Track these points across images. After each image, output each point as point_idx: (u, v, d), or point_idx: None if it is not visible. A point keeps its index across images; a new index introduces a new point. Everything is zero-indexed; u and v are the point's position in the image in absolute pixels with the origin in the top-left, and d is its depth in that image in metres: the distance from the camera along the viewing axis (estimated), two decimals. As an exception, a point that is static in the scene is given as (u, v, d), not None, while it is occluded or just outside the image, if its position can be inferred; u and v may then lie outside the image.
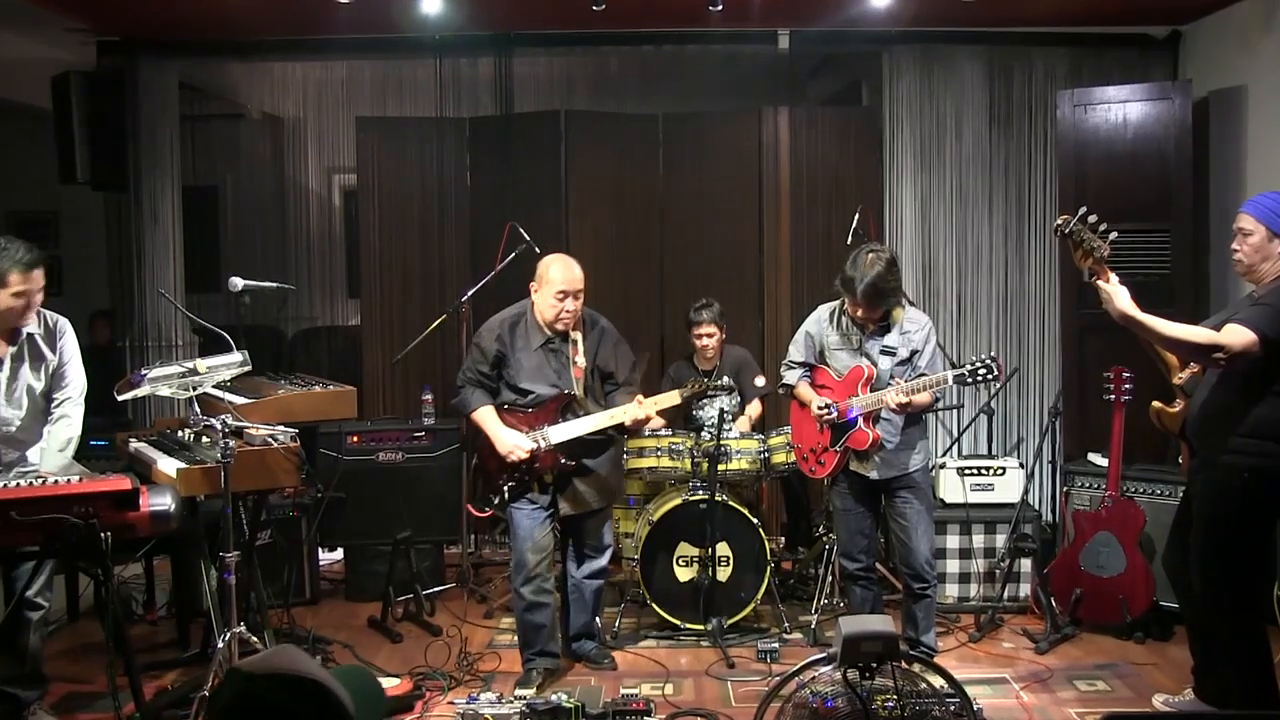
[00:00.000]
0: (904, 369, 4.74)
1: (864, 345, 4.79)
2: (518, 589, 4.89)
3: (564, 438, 4.79)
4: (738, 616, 5.48)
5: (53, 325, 4.59)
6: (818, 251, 6.96)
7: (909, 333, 4.78)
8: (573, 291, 4.78)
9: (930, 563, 4.87)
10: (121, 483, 3.96)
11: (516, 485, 4.85)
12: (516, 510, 4.88)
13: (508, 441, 4.77)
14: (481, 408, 4.88)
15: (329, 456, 6.06)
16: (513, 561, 4.95)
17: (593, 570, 5.09)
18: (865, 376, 4.72)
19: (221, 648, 4.31)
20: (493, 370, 4.89)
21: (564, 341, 4.88)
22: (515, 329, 4.88)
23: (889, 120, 7.08)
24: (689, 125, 7.24)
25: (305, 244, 8.74)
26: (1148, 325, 3.84)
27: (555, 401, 4.83)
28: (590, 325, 4.96)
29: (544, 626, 4.90)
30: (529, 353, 4.86)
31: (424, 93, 7.93)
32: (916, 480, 4.83)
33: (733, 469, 5.66)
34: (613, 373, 4.98)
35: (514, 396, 4.88)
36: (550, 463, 4.80)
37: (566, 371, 4.87)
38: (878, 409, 4.70)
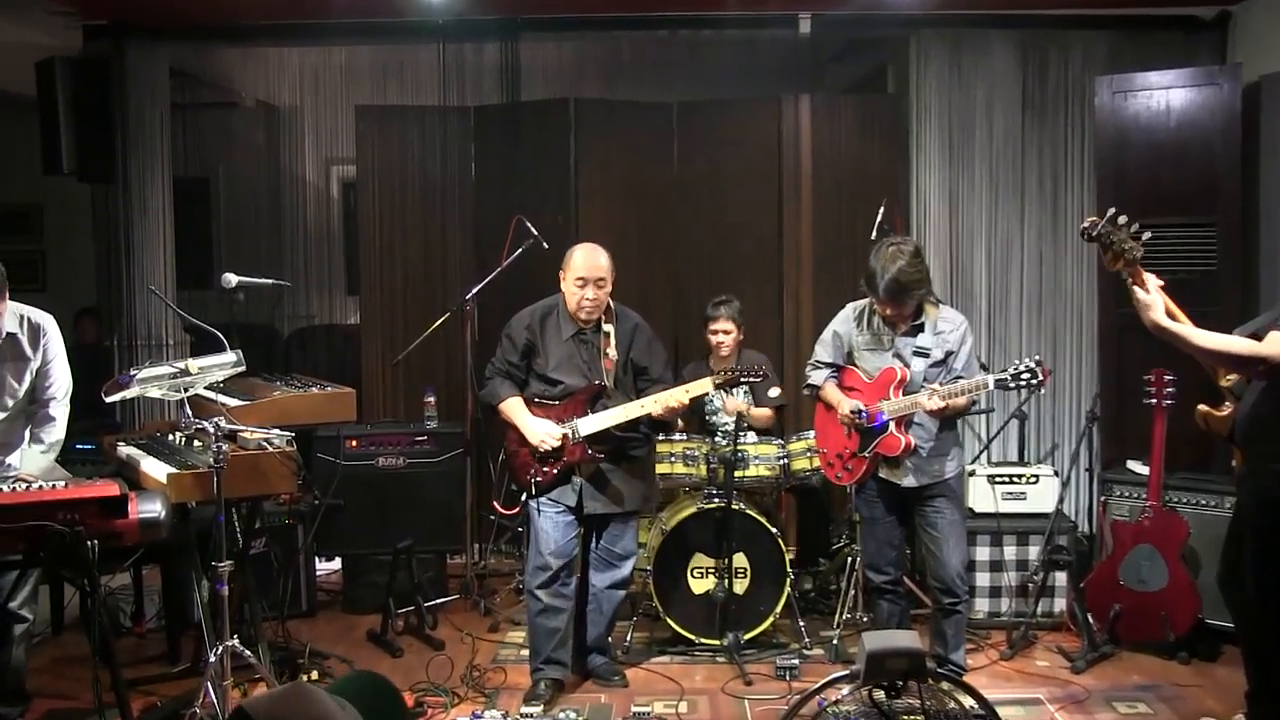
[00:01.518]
0: (938, 371, 4.72)
1: (895, 346, 4.77)
2: (533, 591, 4.92)
3: (594, 429, 4.85)
4: (755, 631, 5.46)
5: (35, 324, 4.59)
6: (841, 247, 6.94)
7: (944, 333, 4.75)
8: (592, 279, 4.84)
9: (962, 576, 4.85)
10: (109, 488, 3.96)
11: (544, 479, 4.89)
12: (541, 512, 4.92)
13: (537, 430, 4.84)
14: (510, 398, 4.96)
15: (326, 461, 6.05)
16: (530, 564, 4.98)
17: (615, 580, 5.09)
18: (898, 379, 4.70)
19: (214, 662, 4.29)
20: (522, 361, 4.99)
21: (595, 333, 4.96)
22: (546, 320, 4.98)
23: (916, 108, 7.04)
24: (705, 114, 7.22)
25: (302, 238, 8.75)
26: (1183, 337, 3.81)
27: (585, 392, 4.90)
28: (623, 318, 5.05)
29: (558, 631, 4.93)
30: (559, 343, 4.95)
31: (426, 80, 7.93)
32: (950, 488, 4.81)
33: (750, 476, 5.64)
34: (646, 368, 5.05)
35: (543, 387, 4.96)
36: (580, 455, 4.86)
37: (597, 363, 4.93)
38: (911, 413, 4.68)
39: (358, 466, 6.12)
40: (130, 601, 5.95)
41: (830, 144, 7.08)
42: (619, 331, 5.00)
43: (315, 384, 5.46)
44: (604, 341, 4.96)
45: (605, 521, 5.04)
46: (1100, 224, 3.86)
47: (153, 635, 5.84)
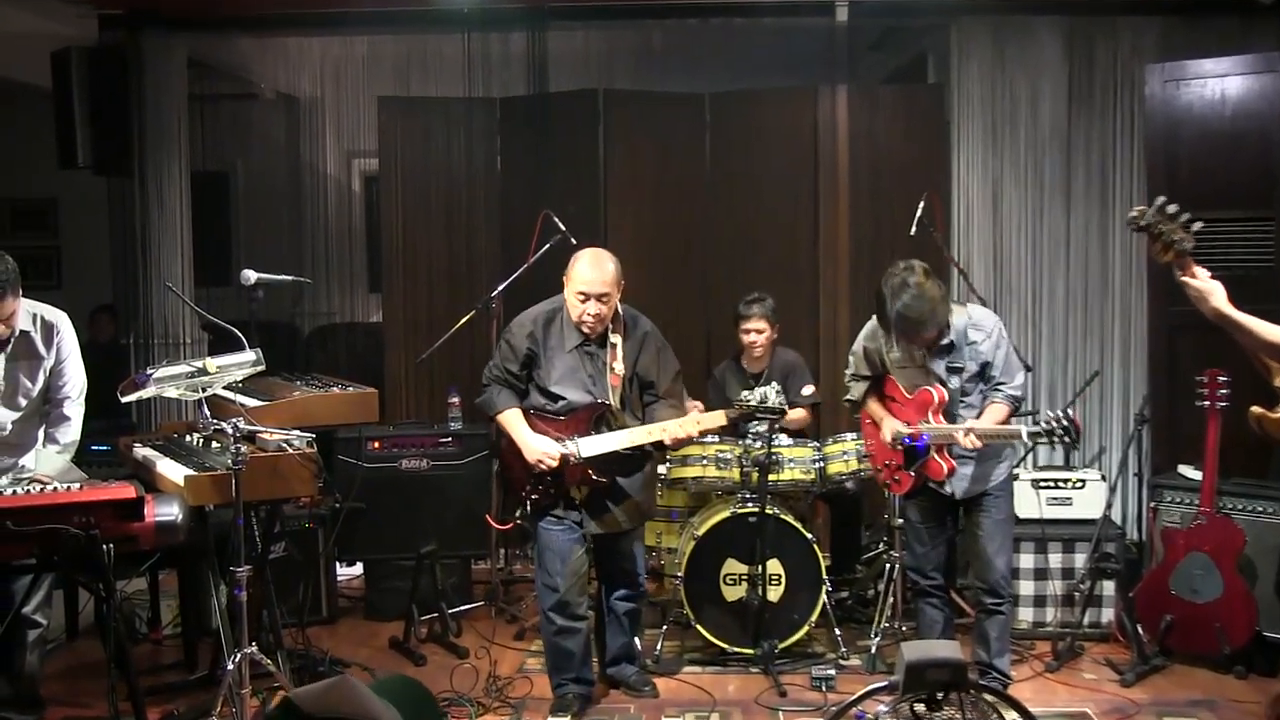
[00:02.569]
0: (976, 384, 4.69)
1: (928, 364, 4.73)
2: (546, 612, 4.86)
3: (597, 451, 4.73)
4: (790, 640, 5.44)
5: (49, 322, 4.62)
6: (879, 244, 6.90)
7: (975, 343, 4.70)
8: (595, 294, 4.66)
9: (1006, 578, 4.82)
10: (125, 491, 3.98)
11: (541, 498, 4.80)
12: (546, 529, 4.83)
13: (535, 448, 4.72)
14: (508, 410, 4.84)
15: (348, 464, 6.07)
16: (539, 584, 4.91)
17: (627, 593, 5.08)
18: (936, 402, 4.65)
19: (231, 670, 4.30)
20: (522, 370, 4.85)
21: (601, 345, 4.81)
22: (550, 326, 4.82)
23: (957, 99, 7.00)
24: (738, 105, 7.20)
25: (323, 234, 8.77)
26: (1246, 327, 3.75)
27: (589, 411, 4.78)
28: (632, 328, 4.88)
29: (574, 654, 4.88)
30: (562, 354, 4.80)
31: (451, 70, 7.94)
32: (999, 492, 4.80)
33: (785, 479, 5.62)
34: (653, 382, 4.90)
35: (543, 401, 4.83)
36: (579, 476, 4.75)
37: (602, 378, 4.79)
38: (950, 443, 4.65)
39: (380, 469, 6.13)
40: (146, 607, 5.98)
41: (868, 136, 7.05)
42: (627, 343, 4.84)
43: (336, 384, 5.47)
44: (611, 355, 4.80)
45: (609, 541, 4.96)
46: (1149, 213, 3.81)
47: (169, 642, 5.87)
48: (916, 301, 4.47)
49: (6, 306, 4.34)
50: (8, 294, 4.31)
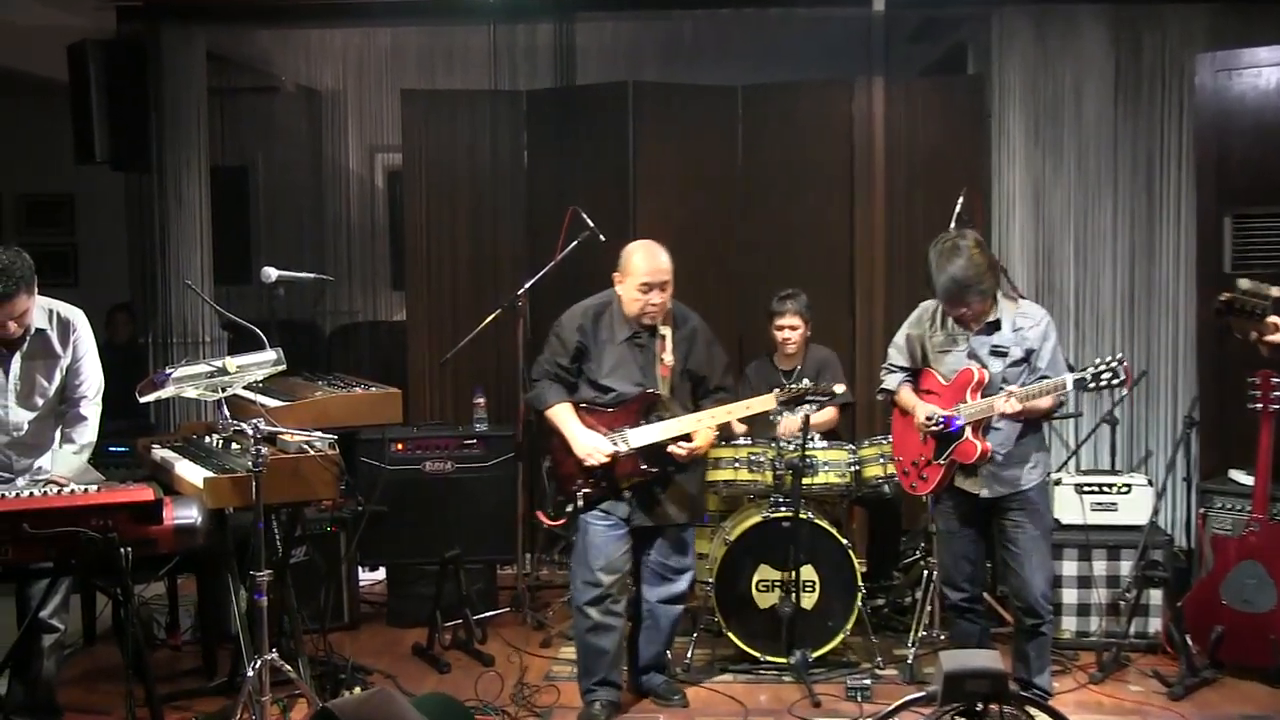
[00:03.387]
0: (1019, 371, 4.65)
1: (971, 345, 4.70)
2: (582, 607, 4.89)
3: (645, 441, 4.79)
4: (825, 649, 5.41)
5: (65, 319, 4.64)
6: (916, 240, 6.85)
7: (1022, 329, 4.68)
8: (658, 283, 4.78)
9: (1046, 596, 4.77)
10: (143, 493, 3.99)
11: (593, 492, 4.84)
12: (591, 524, 4.87)
13: (585, 443, 4.78)
14: (558, 404, 4.90)
15: (371, 466, 6.09)
16: (578, 579, 4.93)
17: (671, 594, 5.06)
18: (975, 381, 4.63)
19: (251, 676, 4.32)
20: (572, 364, 4.92)
21: (651, 337, 4.90)
22: (599, 320, 4.91)
23: (998, 91, 6.97)
24: (771, 98, 7.19)
25: (345, 230, 8.80)
26: None
27: (638, 401, 4.85)
28: (681, 322, 4.98)
29: (608, 653, 4.89)
30: (612, 346, 4.88)
31: (476, 63, 7.96)
32: (1031, 499, 4.73)
33: (819, 483, 5.60)
34: (705, 377, 4.99)
35: (593, 394, 4.90)
36: (630, 468, 4.80)
37: (651, 369, 4.87)
38: (988, 417, 4.61)
39: (403, 471, 6.14)
40: (164, 612, 6.00)
41: (905, 130, 7.03)
42: (676, 335, 4.93)
43: (359, 384, 5.49)
44: (660, 346, 4.89)
45: (657, 534, 4.99)
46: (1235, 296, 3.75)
47: (188, 648, 5.89)
48: (969, 265, 4.49)
49: (20, 304, 4.35)
50: (22, 291, 4.32)
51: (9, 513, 3.83)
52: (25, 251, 4.36)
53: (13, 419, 4.54)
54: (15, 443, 4.58)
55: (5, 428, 4.55)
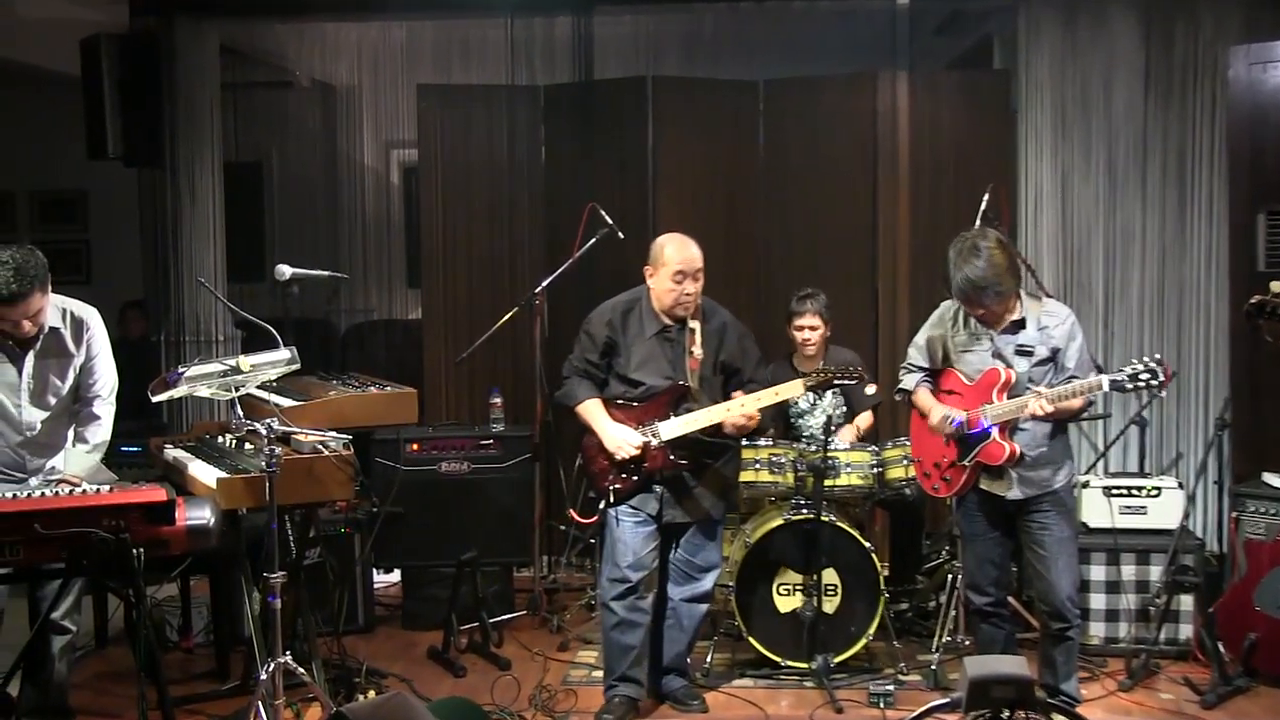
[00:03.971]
0: (1044, 370, 4.63)
1: (996, 345, 4.69)
2: (608, 603, 4.94)
3: (676, 433, 4.83)
4: (847, 654, 5.41)
5: (78, 318, 4.66)
6: (941, 237, 6.73)
7: (1047, 328, 4.67)
8: (691, 272, 4.83)
9: (1073, 599, 4.75)
10: (155, 493, 4.00)
11: (624, 486, 4.88)
12: (620, 520, 4.92)
13: (615, 437, 4.83)
14: (588, 400, 4.95)
15: (386, 466, 6.10)
16: (605, 575, 4.99)
17: (696, 593, 5.08)
18: (1001, 381, 4.61)
19: (264, 680, 4.34)
20: (602, 359, 4.97)
21: (680, 330, 4.94)
22: (629, 315, 4.96)
23: (1025, 85, 6.94)
24: (793, 92, 7.19)
25: (360, 227, 8.83)
26: None
27: (668, 394, 4.89)
28: (710, 315, 5.02)
29: (633, 649, 4.94)
30: (641, 341, 4.94)
31: (493, 57, 7.98)
32: (1058, 501, 4.71)
33: (841, 485, 5.60)
34: (739, 369, 5.04)
35: (623, 389, 4.95)
36: (661, 461, 4.84)
37: (681, 362, 4.91)
38: (1015, 418, 4.60)
39: (419, 472, 6.15)
40: (177, 614, 6.02)
41: (931, 125, 7.01)
42: (706, 328, 4.97)
43: (374, 383, 5.50)
44: (689, 339, 4.93)
45: (686, 530, 5.02)
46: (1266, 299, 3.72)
47: (200, 650, 5.91)
48: (985, 266, 4.48)
49: (34, 303, 4.38)
50: (36, 290, 4.35)
51: (20, 513, 3.85)
52: (38, 249, 4.39)
53: (26, 418, 4.57)
54: (28, 442, 4.60)
55: (18, 427, 4.58)
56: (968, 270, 4.50)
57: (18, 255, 4.28)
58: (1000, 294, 4.55)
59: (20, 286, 4.28)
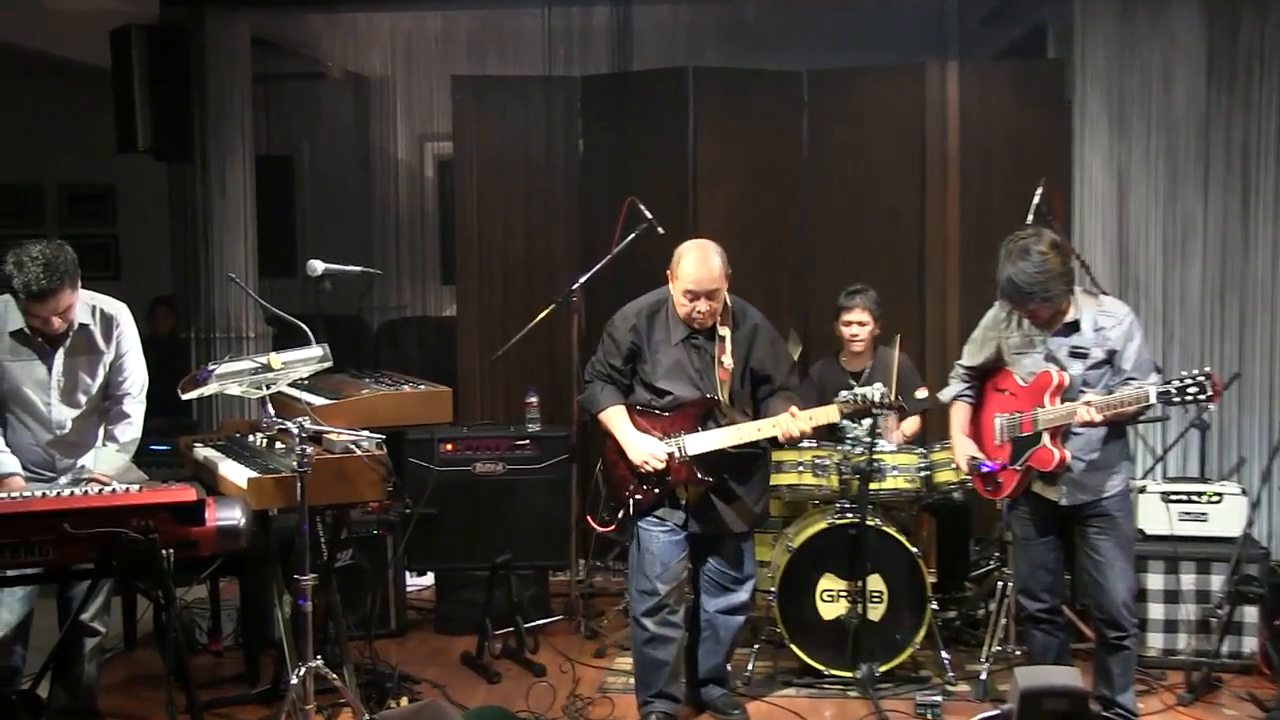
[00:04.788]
0: (1100, 373, 4.59)
1: (1049, 347, 4.66)
2: (639, 618, 4.88)
3: (703, 449, 4.76)
4: (893, 663, 5.39)
5: (108, 314, 4.70)
6: (992, 234, 6.71)
7: (1104, 329, 4.63)
8: (703, 292, 4.70)
9: (1129, 607, 4.71)
10: (185, 493, 4.03)
11: (644, 499, 4.83)
12: (646, 530, 4.86)
13: (641, 449, 4.77)
14: (611, 407, 4.89)
15: (419, 467, 6.11)
16: (634, 588, 4.94)
17: (731, 604, 5.03)
18: (1055, 384, 4.58)
19: (295, 684, 4.36)
20: (625, 365, 4.91)
21: (709, 338, 4.85)
22: (654, 319, 4.88)
23: (1080, 75, 6.88)
24: (838, 83, 7.17)
25: (393, 222, 8.87)
26: None
27: (696, 406, 4.81)
28: (741, 320, 4.93)
29: (666, 664, 4.88)
30: (667, 348, 4.85)
31: (530, 47, 8.01)
32: (1114, 506, 4.68)
33: (887, 488, 5.57)
34: (770, 375, 4.94)
35: (649, 396, 4.88)
36: (685, 475, 4.78)
37: (710, 372, 4.83)
38: (1066, 424, 4.57)
39: (453, 473, 6.16)
40: (206, 616, 6.05)
41: (981, 116, 6.98)
42: (736, 335, 4.88)
43: (407, 382, 5.51)
44: (719, 348, 4.83)
45: (717, 541, 4.97)
46: None
47: (230, 653, 5.94)
48: (1034, 269, 4.45)
49: (64, 299, 4.42)
50: (66, 286, 4.39)
51: (50, 512, 3.89)
52: (67, 245, 4.43)
53: (55, 416, 4.62)
54: (58, 441, 4.65)
55: (48, 425, 4.62)
56: (1013, 272, 4.48)
57: (47, 251, 4.33)
58: (1047, 300, 4.53)
59: (50, 282, 4.32)
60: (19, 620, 4.53)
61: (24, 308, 4.43)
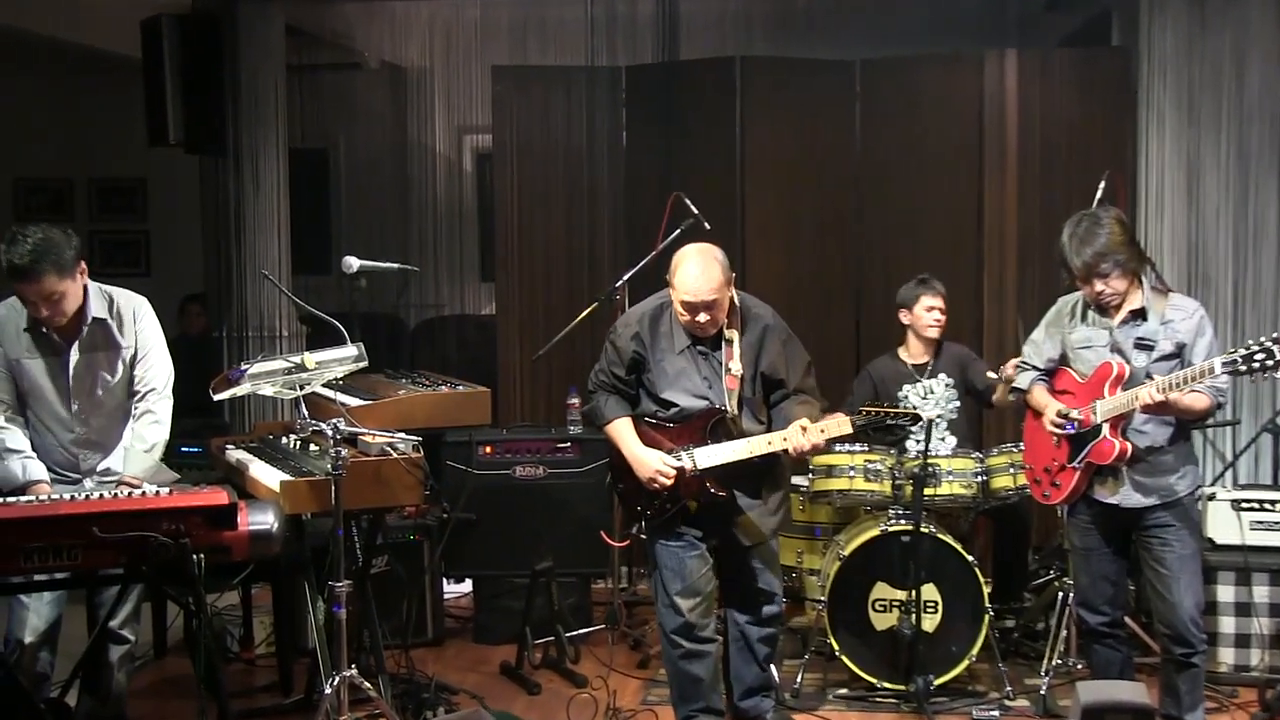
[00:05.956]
0: (1168, 367, 4.53)
1: (1114, 338, 4.62)
2: (668, 635, 4.82)
3: (713, 463, 4.67)
4: (948, 676, 5.37)
5: (126, 307, 4.70)
6: (1052, 229, 6.69)
7: (1172, 322, 4.58)
8: (702, 304, 4.57)
9: (1196, 622, 4.64)
10: (217, 496, 4.04)
11: (655, 514, 4.77)
12: (663, 546, 4.78)
13: (648, 464, 4.67)
14: (617, 420, 4.80)
15: (457, 470, 6.13)
16: (659, 605, 4.87)
17: (760, 617, 4.95)
18: (1115, 375, 4.54)
19: (329, 694, 4.38)
20: (630, 375, 4.82)
21: (716, 344, 4.75)
22: (657, 325, 4.78)
23: (1146, 64, 6.84)
24: (892, 73, 7.16)
25: (431, 217, 8.90)
26: None
27: (703, 418, 4.71)
28: (751, 321, 4.81)
29: (702, 680, 4.82)
30: (672, 356, 4.76)
31: (572, 36, 8.01)
32: (1179, 513, 4.62)
33: (942, 494, 5.55)
34: (783, 379, 4.82)
35: (655, 408, 4.80)
36: (696, 488, 4.68)
37: (718, 381, 4.72)
38: (1128, 412, 4.51)
39: (492, 476, 6.18)
40: (238, 623, 6.12)
41: (1042, 107, 6.94)
42: (744, 341, 4.76)
43: (445, 382, 5.53)
44: (727, 354, 4.72)
45: (739, 553, 4.86)
46: None
47: (262, 661, 5.99)
48: (1105, 235, 4.46)
49: (48, 284, 4.36)
50: (50, 273, 4.34)
51: (78, 515, 3.90)
52: (75, 236, 4.45)
53: (75, 415, 4.63)
54: (80, 440, 4.66)
55: (68, 424, 4.64)
56: (1086, 238, 4.48)
57: (36, 234, 4.33)
58: (1120, 265, 4.49)
59: (31, 262, 4.29)
60: (47, 626, 4.56)
61: (15, 291, 4.44)
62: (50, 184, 9.80)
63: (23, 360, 4.58)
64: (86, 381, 4.64)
